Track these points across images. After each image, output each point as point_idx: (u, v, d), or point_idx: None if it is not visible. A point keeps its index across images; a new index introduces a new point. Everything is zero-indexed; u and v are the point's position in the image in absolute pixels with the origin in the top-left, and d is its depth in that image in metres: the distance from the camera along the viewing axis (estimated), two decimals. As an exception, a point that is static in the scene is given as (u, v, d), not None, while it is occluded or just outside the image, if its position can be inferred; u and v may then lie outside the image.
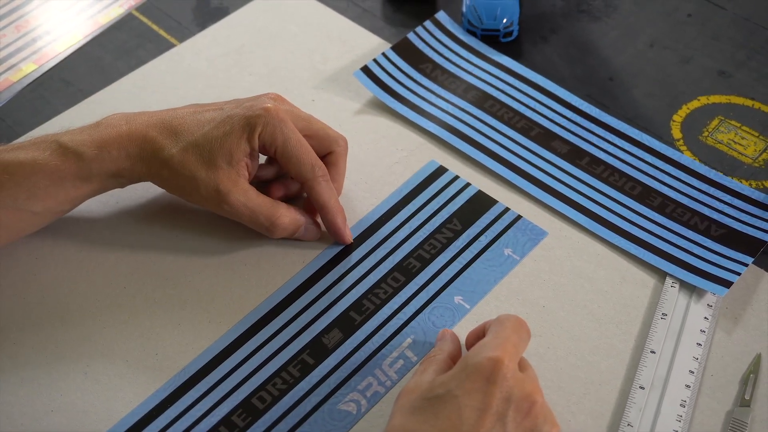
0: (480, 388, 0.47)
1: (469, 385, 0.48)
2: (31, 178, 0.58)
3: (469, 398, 0.47)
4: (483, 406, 0.47)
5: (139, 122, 0.60)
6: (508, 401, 0.48)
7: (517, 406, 0.48)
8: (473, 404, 0.47)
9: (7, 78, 0.77)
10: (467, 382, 0.48)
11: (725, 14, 0.79)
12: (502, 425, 0.47)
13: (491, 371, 0.48)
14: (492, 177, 0.68)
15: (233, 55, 0.78)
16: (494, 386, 0.47)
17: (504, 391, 0.48)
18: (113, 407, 0.55)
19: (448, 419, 0.47)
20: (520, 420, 0.48)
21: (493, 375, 0.48)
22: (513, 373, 0.48)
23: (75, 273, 0.62)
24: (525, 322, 0.53)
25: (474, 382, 0.48)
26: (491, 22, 0.77)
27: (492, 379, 0.48)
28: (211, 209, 0.61)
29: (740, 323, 0.59)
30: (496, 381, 0.47)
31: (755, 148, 0.69)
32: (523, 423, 0.48)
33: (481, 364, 0.48)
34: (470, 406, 0.47)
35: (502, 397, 0.47)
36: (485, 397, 0.47)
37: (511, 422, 0.47)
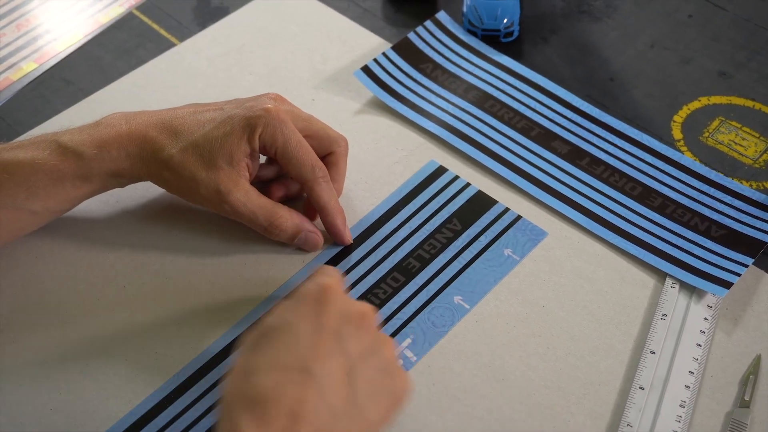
0: (312, 310, 0.48)
1: (301, 311, 0.48)
2: (30, 178, 0.58)
3: (304, 322, 0.48)
4: (318, 327, 0.47)
5: (138, 122, 0.60)
6: (340, 318, 0.48)
7: (351, 320, 0.49)
8: (308, 327, 0.47)
9: (8, 77, 0.77)
10: (299, 308, 0.49)
11: (726, 15, 0.79)
12: (339, 341, 0.48)
13: (320, 293, 0.49)
14: (492, 177, 0.68)
15: (233, 54, 0.78)
16: (326, 305, 0.48)
17: (335, 310, 0.48)
18: (113, 406, 0.55)
19: (285, 346, 0.47)
20: (355, 332, 0.49)
21: (322, 296, 0.49)
22: (342, 293, 0.50)
23: (74, 272, 0.62)
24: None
25: (306, 307, 0.49)
26: (492, 22, 0.77)
27: (322, 300, 0.49)
28: (212, 209, 0.61)
29: (740, 324, 0.59)
30: (327, 300, 0.48)
31: (756, 149, 0.69)
32: (359, 335, 0.49)
33: (310, 289, 0.49)
34: (305, 330, 0.47)
35: (335, 314, 0.48)
36: (318, 317, 0.48)
37: (347, 337, 0.48)
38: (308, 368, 0.46)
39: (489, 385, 0.56)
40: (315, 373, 0.46)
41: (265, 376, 0.46)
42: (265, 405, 0.45)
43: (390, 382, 0.49)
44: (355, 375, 0.48)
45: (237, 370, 0.47)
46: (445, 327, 0.59)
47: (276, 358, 0.47)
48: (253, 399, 0.45)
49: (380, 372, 0.49)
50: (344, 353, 0.48)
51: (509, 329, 0.59)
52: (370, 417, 0.47)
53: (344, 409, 0.46)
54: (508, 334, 0.58)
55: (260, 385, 0.45)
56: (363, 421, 0.47)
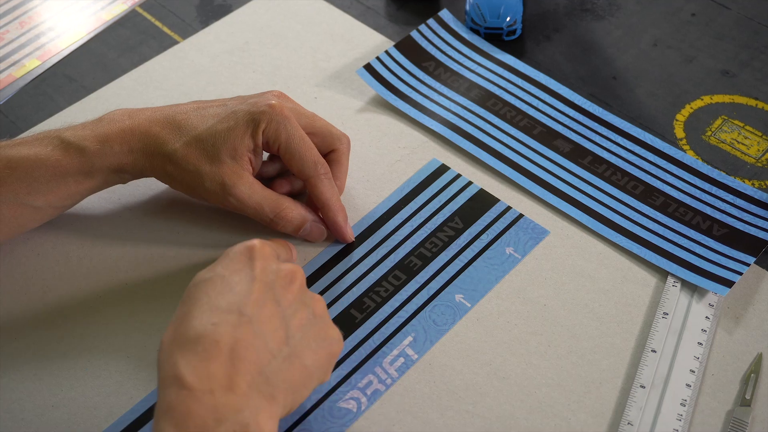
0: (244, 265, 0.50)
1: (233, 265, 0.50)
2: (33, 173, 0.58)
3: (237, 275, 0.50)
4: (251, 278, 0.49)
5: (141, 117, 0.60)
6: (271, 273, 0.50)
7: (281, 276, 0.51)
8: (241, 278, 0.49)
9: (11, 74, 0.78)
10: (231, 263, 0.50)
11: (729, 14, 0.79)
12: (271, 293, 0.50)
13: (251, 251, 0.51)
14: (494, 175, 0.68)
15: (236, 52, 0.78)
16: (256, 261, 0.50)
17: (266, 265, 0.51)
18: (115, 403, 0.55)
19: (220, 294, 0.48)
20: (286, 286, 0.50)
21: (253, 253, 0.51)
22: (270, 253, 0.52)
23: (76, 269, 0.63)
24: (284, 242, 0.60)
25: (238, 262, 0.50)
26: (495, 20, 0.76)
27: (253, 256, 0.51)
28: (216, 203, 0.61)
29: (741, 323, 0.58)
30: (256, 257, 0.51)
31: (758, 147, 0.69)
32: (290, 289, 0.51)
33: (240, 249, 0.51)
34: (239, 280, 0.49)
35: (265, 269, 0.50)
36: (251, 270, 0.50)
37: (279, 289, 0.50)
38: (243, 311, 0.48)
39: (490, 383, 0.56)
40: (251, 315, 0.48)
41: (201, 319, 0.47)
42: (204, 344, 0.46)
43: (323, 333, 0.51)
44: (288, 322, 0.50)
45: (172, 320, 0.49)
46: (447, 325, 0.59)
47: (210, 304, 0.48)
48: (190, 340, 0.46)
49: (313, 323, 0.51)
50: (277, 302, 0.50)
51: (510, 327, 0.59)
52: (306, 362, 0.49)
53: (281, 352, 0.48)
54: (510, 333, 0.58)
55: (197, 326, 0.47)
56: (300, 366, 0.49)
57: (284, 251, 0.58)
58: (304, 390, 0.50)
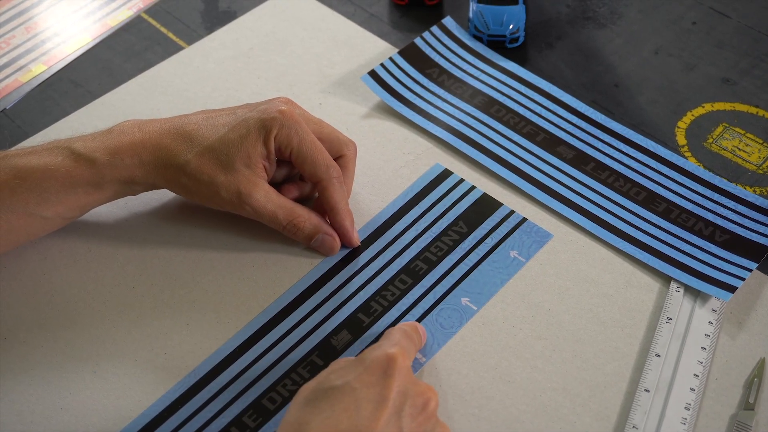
0: (378, 381, 0.48)
1: (366, 378, 0.48)
2: (42, 184, 0.58)
3: (367, 391, 0.47)
4: (380, 399, 0.47)
5: (152, 129, 0.61)
6: (404, 396, 0.48)
7: (413, 401, 0.49)
8: (371, 397, 0.47)
9: (17, 79, 0.78)
10: (365, 375, 0.48)
11: (730, 22, 0.80)
12: (397, 419, 0.47)
13: (388, 365, 0.49)
14: (497, 181, 0.68)
15: (241, 58, 0.78)
16: (391, 379, 0.48)
17: (400, 386, 0.48)
18: (123, 406, 0.56)
19: (345, 411, 0.47)
20: (416, 415, 0.48)
21: (390, 369, 0.48)
22: (408, 369, 0.50)
23: (83, 273, 0.63)
24: (417, 326, 0.56)
25: (371, 375, 0.48)
26: (498, 28, 0.77)
27: (389, 373, 0.48)
28: (231, 210, 0.61)
29: (744, 328, 0.59)
30: (393, 375, 0.48)
31: (759, 155, 0.70)
32: (418, 418, 0.49)
33: (379, 357, 0.49)
34: (367, 399, 0.47)
35: (398, 391, 0.48)
36: (383, 389, 0.48)
37: (406, 417, 0.48)
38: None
39: (496, 387, 0.56)
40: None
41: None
42: None
43: None
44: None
45: (291, 421, 0.47)
46: (453, 328, 0.59)
47: (333, 419, 0.46)
48: None
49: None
50: (401, 431, 0.47)
51: (515, 332, 0.59)
52: None
53: None
54: (515, 337, 0.59)
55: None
56: None
57: (417, 337, 0.55)
58: None
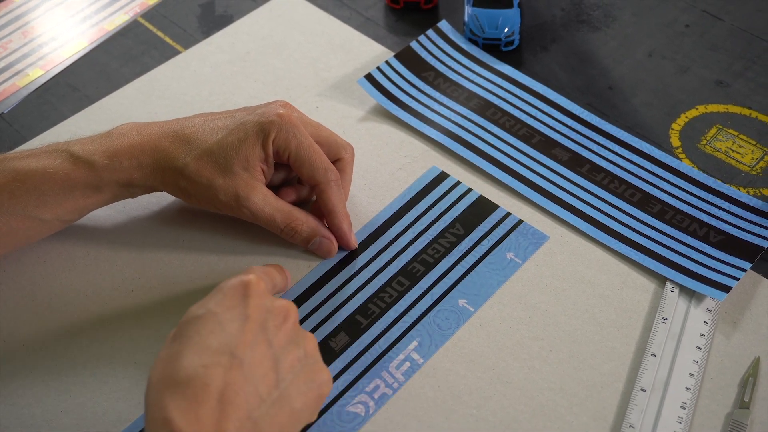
0: (237, 303, 0.49)
1: (226, 302, 0.49)
2: (41, 186, 0.58)
3: (229, 313, 0.49)
4: (243, 317, 0.49)
5: (150, 132, 0.61)
6: (265, 311, 0.50)
7: (274, 315, 0.50)
8: (233, 317, 0.49)
9: (14, 83, 0.78)
10: (224, 300, 0.50)
11: (723, 25, 0.81)
12: (264, 332, 0.49)
13: (245, 288, 0.50)
14: (494, 183, 0.69)
15: (238, 62, 0.79)
16: (250, 299, 0.50)
17: (260, 303, 0.50)
18: (123, 408, 0.56)
19: (211, 333, 0.48)
20: (279, 325, 0.50)
21: (247, 290, 0.50)
22: (265, 291, 0.51)
23: (82, 277, 0.63)
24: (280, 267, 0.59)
25: (230, 299, 0.50)
26: (493, 31, 0.78)
27: (247, 293, 0.50)
28: (229, 213, 0.62)
29: (739, 327, 0.60)
30: (251, 294, 0.50)
31: (752, 156, 0.70)
32: (282, 328, 0.50)
33: (234, 284, 0.50)
34: (230, 319, 0.48)
35: (259, 307, 0.50)
36: (244, 309, 0.49)
37: (271, 329, 0.49)
38: (235, 353, 0.47)
39: (493, 387, 0.57)
40: (242, 358, 0.47)
41: (192, 359, 0.46)
42: (194, 387, 0.45)
43: (313, 374, 0.51)
44: (279, 364, 0.49)
45: (162, 357, 0.48)
46: (451, 330, 0.59)
47: (202, 343, 0.47)
48: (180, 382, 0.46)
49: (303, 364, 0.50)
50: (269, 343, 0.49)
51: (512, 333, 0.60)
52: (295, 406, 0.49)
53: (271, 396, 0.48)
54: (512, 338, 0.59)
55: (187, 367, 0.46)
56: (289, 410, 0.49)
57: (279, 277, 0.57)
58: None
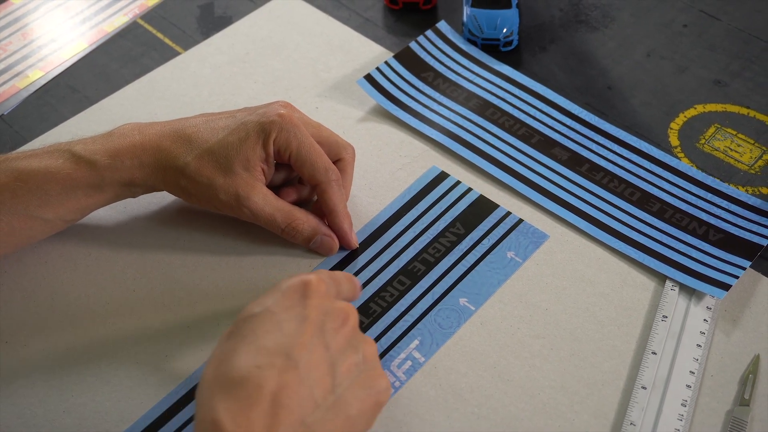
0: (296, 303, 0.49)
1: (284, 302, 0.49)
2: (43, 186, 0.59)
3: (287, 313, 0.48)
4: (301, 318, 0.48)
5: (152, 132, 0.61)
6: (324, 313, 0.49)
7: (333, 317, 0.49)
8: (291, 317, 0.48)
9: (14, 84, 0.78)
10: (282, 300, 0.49)
11: (720, 25, 0.81)
12: (321, 335, 0.48)
13: (305, 288, 0.50)
14: (493, 183, 0.69)
15: (238, 63, 0.79)
16: (309, 299, 0.49)
17: (318, 305, 0.49)
18: (126, 408, 0.56)
19: (268, 333, 0.47)
20: (337, 328, 0.49)
21: (307, 291, 0.49)
22: (325, 293, 0.50)
23: (84, 277, 0.63)
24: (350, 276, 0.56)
25: (289, 299, 0.49)
26: (492, 31, 0.78)
27: (306, 294, 0.49)
28: (230, 213, 0.62)
29: (739, 325, 0.60)
30: (310, 295, 0.49)
31: (751, 155, 0.71)
32: (341, 332, 0.49)
33: (294, 283, 0.50)
34: (288, 320, 0.48)
35: (318, 308, 0.49)
36: (303, 309, 0.48)
37: (329, 332, 0.49)
38: (291, 355, 0.46)
39: (495, 386, 0.57)
40: (297, 360, 0.46)
41: (247, 359, 0.45)
42: (247, 389, 0.44)
43: (371, 380, 0.50)
44: (336, 369, 0.48)
45: (216, 354, 0.47)
46: (452, 328, 0.60)
47: (258, 343, 0.46)
48: (232, 381, 0.45)
49: (361, 369, 0.49)
50: (326, 346, 0.48)
51: (513, 331, 0.60)
52: (351, 412, 0.48)
53: (326, 401, 0.46)
54: (513, 336, 0.60)
55: (241, 367, 0.45)
56: (344, 416, 0.47)
57: (348, 285, 0.55)
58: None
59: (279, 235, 0.63)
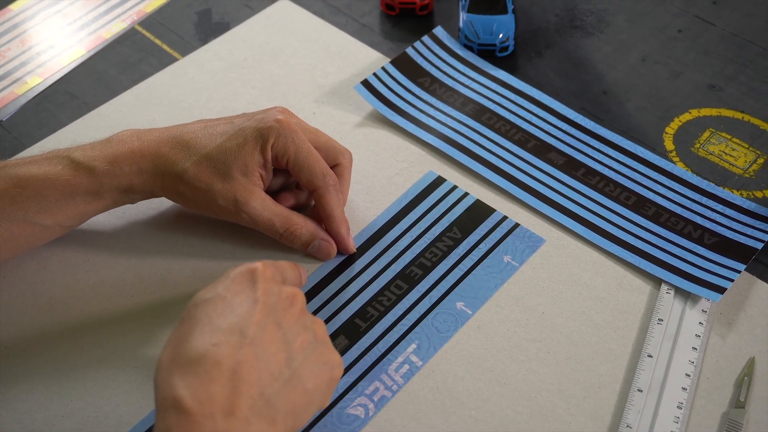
0: (246, 287, 0.50)
1: (234, 287, 0.50)
2: (42, 192, 0.59)
3: (238, 297, 0.49)
4: (252, 300, 0.49)
5: (150, 138, 0.61)
6: (273, 295, 0.50)
7: (282, 299, 0.51)
8: (242, 300, 0.49)
9: (13, 91, 0.79)
10: (232, 285, 0.50)
11: (715, 30, 0.82)
12: (273, 313, 0.49)
13: (252, 273, 0.51)
14: (490, 188, 0.69)
15: (235, 69, 0.79)
16: (258, 283, 0.50)
17: (268, 288, 0.50)
18: (125, 413, 0.56)
19: (221, 315, 0.48)
20: (288, 308, 0.50)
21: (255, 276, 0.51)
22: (272, 275, 0.52)
23: (82, 282, 0.64)
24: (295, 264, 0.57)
25: (239, 284, 0.50)
26: (488, 37, 0.78)
27: (255, 279, 0.50)
28: (228, 219, 0.62)
29: (734, 328, 0.60)
30: (258, 279, 0.50)
31: (745, 159, 0.71)
32: (291, 311, 0.50)
33: (242, 270, 0.51)
34: (240, 302, 0.49)
35: (267, 291, 0.50)
36: (253, 292, 0.50)
37: (280, 311, 0.50)
38: (245, 332, 0.47)
39: (491, 389, 0.57)
40: (252, 337, 0.47)
41: (202, 339, 0.47)
42: (205, 365, 0.45)
43: (324, 356, 0.51)
44: (290, 345, 0.49)
45: (171, 339, 0.48)
46: (449, 332, 0.60)
47: (212, 324, 0.48)
48: (190, 360, 0.46)
49: (315, 346, 0.51)
50: (278, 324, 0.49)
51: (510, 335, 0.60)
52: (308, 386, 0.49)
53: (283, 375, 0.48)
54: (510, 340, 0.60)
55: (198, 347, 0.46)
56: (302, 389, 0.49)
57: (292, 272, 0.56)
58: (304, 414, 0.49)
59: (277, 239, 0.63)
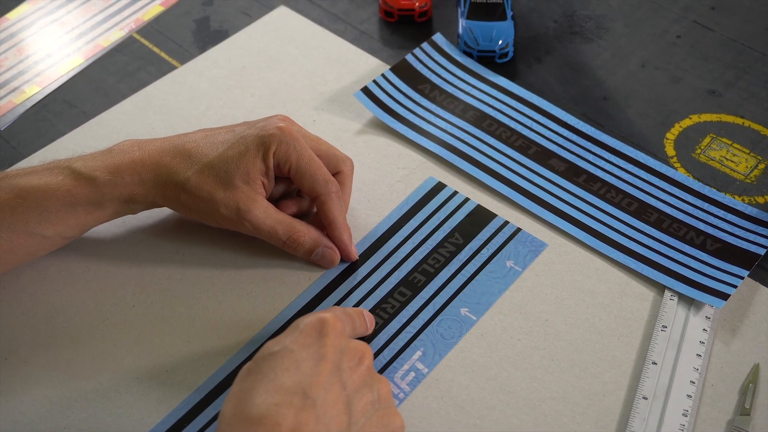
0: (313, 341, 0.50)
1: (302, 340, 0.50)
2: (43, 203, 0.59)
3: (305, 351, 0.49)
4: (319, 356, 0.49)
5: (151, 148, 0.61)
6: (341, 352, 0.50)
7: (349, 356, 0.51)
8: (308, 355, 0.49)
9: (11, 100, 0.78)
10: (300, 338, 0.50)
11: (713, 35, 0.82)
12: (338, 373, 0.49)
13: (321, 326, 0.51)
14: (491, 194, 0.69)
15: (234, 76, 0.79)
16: (326, 338, 0.50)
17: (335, 343, 0.50)
18: (126, 424, 0.56)
19: (286, 371, 0.48)
20: (353, 367, 0.50)
21: (324, 329, 0.50)
22: (341, 331, 0.51)
23: (83, 292, 0.63)
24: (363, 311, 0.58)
25: (307, 337, 0.50)
26: (487, 43, 0.78)
27: (324, 332, 0.50)
28: (231, 227, 0.62)
29: (738, 334, 0.60)
30: (327, 333, 0.50)
31: (746, 164, 0.71)
32: (357, 370, 0.50)
33: (312, 321, 0.51)
34: (306, 358, 0.49)
35: (334, 347, 0.50)
36: (320, 348, 0.49)
37: (346, 370, 0.50)
38: (308, 393, 0.47)
39: (496, 397, 0.57)
40: (315, 398, 0.47)
41: (265, 397, 0.46)
42: (265, 426, 0.45)
43: (386, 419, 0.51)
44: (352, 406, 0.49)
45: (235, 391, 0.48)
46: (454, 338, 0.60)
47: (276, 381, 0.47)
48: (251, 419, 0.46)
49: (377, 408, 0.51)
50: (343, 385, 0.49)
51: (514, 342, 0.60)
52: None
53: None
54: (513, 348, 0.60)
55: (260, 405, 0.46)
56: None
57: (360, 320, 0.57)
58: None
59: (280, 247, 0.63)
